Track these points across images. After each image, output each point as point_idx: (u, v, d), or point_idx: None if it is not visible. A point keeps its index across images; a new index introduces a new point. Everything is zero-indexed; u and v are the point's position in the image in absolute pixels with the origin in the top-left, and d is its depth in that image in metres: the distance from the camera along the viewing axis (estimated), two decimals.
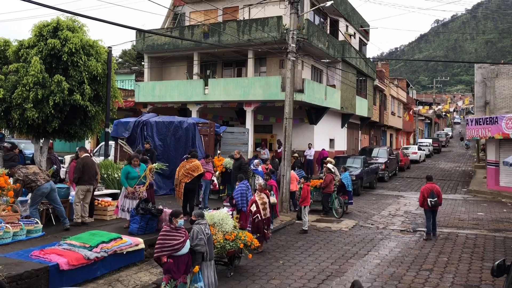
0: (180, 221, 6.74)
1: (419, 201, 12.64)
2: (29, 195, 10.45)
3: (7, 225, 8.46)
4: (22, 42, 13.47)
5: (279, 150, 21.55)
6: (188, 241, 6.70)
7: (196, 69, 25.30)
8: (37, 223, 9.26)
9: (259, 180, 15.21)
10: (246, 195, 11.27)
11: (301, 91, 21.37)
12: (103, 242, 8.03)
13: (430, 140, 50.96)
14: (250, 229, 10.20)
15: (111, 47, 15.01)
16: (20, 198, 9.78)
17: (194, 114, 24.28)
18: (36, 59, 12.58)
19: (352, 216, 15.31)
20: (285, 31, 20.71)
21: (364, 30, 34.22)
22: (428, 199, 12.14)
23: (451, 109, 56.42)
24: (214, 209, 11.54)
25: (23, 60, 13.08)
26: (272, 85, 22.21)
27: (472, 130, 21.72)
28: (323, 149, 25.51)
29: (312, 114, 24.70)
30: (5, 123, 13.61)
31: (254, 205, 10.40)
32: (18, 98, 12.55)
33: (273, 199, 12.07)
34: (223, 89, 23.48)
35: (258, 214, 10.30)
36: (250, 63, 23.92)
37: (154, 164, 13.06)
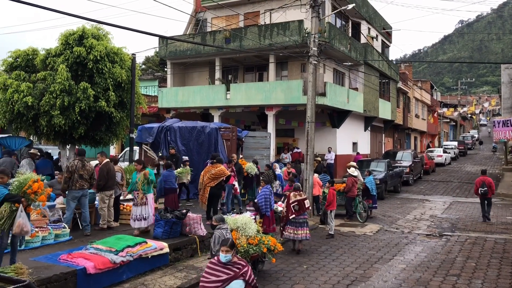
0: (223, 256, 5.33)
1: (474, 190, 15.54)
2: (57, 199, 10.70)
3: (36, 229, 8.67)
4: (49, 51, 13.79)
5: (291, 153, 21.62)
6: (239, 282, 5.31)
7: (218, 74, 25.47)
8: (64, 227, 9.47)
9: (276, 183, 15.30)
10: (269, 199, 11.27)
11: (323, 94, 21.27)
12: (129, 246, 8.14)
13: (455, 143, 50.03)
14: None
15: (135, 54, 15.24)
16: (48, 203, 10.00)
17: (216, 119, 24.42)
18: (62, 67, 12.87)
19: (377, 220, 15.13)
20: (306, 35, 20.67)
21: (386, 32, 33.88)
22: (479, 188, 15.15)
23: (477, 111, 55.37)
24: (237, 213, 11.61)
25: (50, 68, 13.40)
26: (293, 89, 22.18)
27: (499, 132, 21.24)
28: (358, 153, 25.83)
29: (334, 117, 24.56)
30: (33, 130, 13.95)
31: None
32: (45, 105, 12.84)
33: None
34: (245, 93, 23.56)
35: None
36: (272, 67, 23.95)
37: (178, 169, 13.19)
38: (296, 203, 10.70)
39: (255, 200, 11.94)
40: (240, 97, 23.62)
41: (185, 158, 15.17)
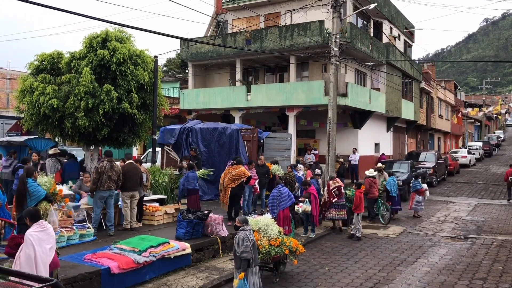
0: None
1: (504, 179, 19.05)
2: (81, 200, 10.88)
3: (62, 229, 8.84)
4: (74, 54, 14.04)
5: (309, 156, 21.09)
6: None
7: (238, 76, 25.53)
8: (89, 228, 9.63)
9: (296, 186, 15.20)
10: (277, 201, 11.18)
11: (345, 95, 21.08)
12: (152, 246, 8.23)
13: (480, 144, 49.03)
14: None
15: (157, 56, 15.39)
16: (73, 204, 10.19)
17: (237, 120, 24.48)
18: (86, 70, 13.09)
19: (400, 222, 14.93)
20: (327, 35, 20.54)
21: (409, 31, 33.43)
22: (509, 177, 19.02)
23: (503, 111, 54.19)
24: (259, 214, 11.60)
25: (75, 71, 13.65)
26: (314, 89, 22.07)
27: None
28: (383, 154, 25.75)
29: (356, 118, 24.34)
30: (58, 132, 14.23)
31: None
32: (70, 108, 13.09)
33: (304, 206, 11.92)
34: (266, 94, 23.56)
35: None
36: (292, 68, 23.88)
37: (200, 170, 13.22)
38: (336, 188, 12.79)
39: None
40: (261, 98, 23.63)
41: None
